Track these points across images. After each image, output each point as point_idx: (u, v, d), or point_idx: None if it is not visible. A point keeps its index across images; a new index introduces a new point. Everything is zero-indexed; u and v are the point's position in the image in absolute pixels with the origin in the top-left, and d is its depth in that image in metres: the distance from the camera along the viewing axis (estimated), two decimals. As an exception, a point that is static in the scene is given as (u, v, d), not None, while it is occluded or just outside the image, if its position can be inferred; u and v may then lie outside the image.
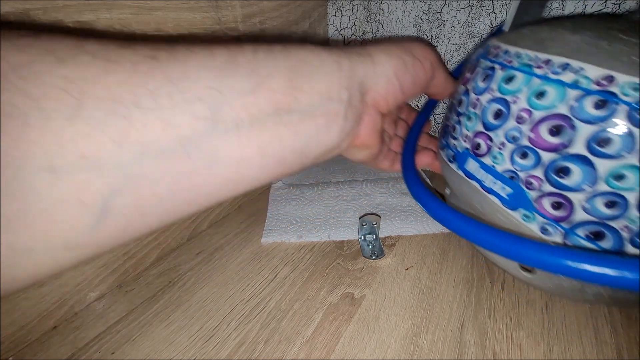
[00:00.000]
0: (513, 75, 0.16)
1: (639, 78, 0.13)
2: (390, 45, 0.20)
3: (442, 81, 0.23)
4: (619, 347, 0.20)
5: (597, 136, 0.13)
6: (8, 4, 0.16)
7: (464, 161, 0.19)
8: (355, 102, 0.18)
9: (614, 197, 0.14)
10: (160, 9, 0.22)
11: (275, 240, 0.28)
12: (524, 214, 0.16)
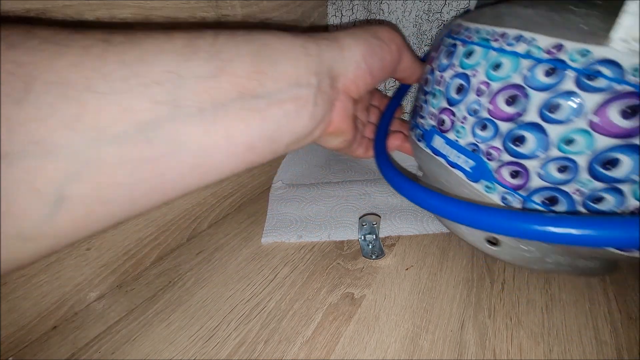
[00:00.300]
0: (472, 49, 0.17)
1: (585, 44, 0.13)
2: (356, 29, 0.20)
3: (410, 64, 0.23)
4: (619, 347, 0.20)
5: (548, 103, 0.14)
6: (8, 4, 0.16)
7: (431, 138, 0.20)
8: (325, 88, 0.18)
9: (566, 162, 0.14)
10: (160, 9, 0.22)
11: (275, 240, 0.28)
12: (486, 185, 0.17)
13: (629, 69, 0.12)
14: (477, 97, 0.16)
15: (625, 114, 0.12)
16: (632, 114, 0.12)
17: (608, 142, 0.13)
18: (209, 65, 0.14)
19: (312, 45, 0.18)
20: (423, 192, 0.16)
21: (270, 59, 0.16)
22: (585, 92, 0.13)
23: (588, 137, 0.13)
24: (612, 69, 0.12)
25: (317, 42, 0.18)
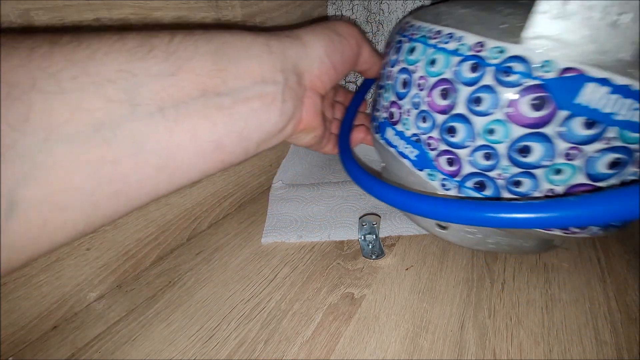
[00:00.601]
0: (414, 46, 0.18)
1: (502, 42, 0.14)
2: (315, 26, 0.21)
3: (369, 57, 0.23)
4: (619, 347, 0.20)
5: (472, 96, 0.15)
6: (8, 4, 0.16)
7: (384, 130, 0.21)
8: (292, 85, 0.18)
9: (489, 150, 0.15)
10: (160, 9, 0.22)
11: (275, 240, 0.28)
12: (428, 173, 0.19)
13: (538, 65, 0.13)
14: (418, 90, 0.17)
15: (534, 106, 0.14)
16: (540, 106, 0.14)
17: (521, 131, 0.14)
18: (166, 64, 0.14)
19: (275, 42, 0.18)
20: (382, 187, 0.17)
21: (232, 57, 0.16)
22: (501, 86, 0.14)
23: (505, 127, 0.15)
24: (523, 65, 0.14)
25: (280, 40, 0.18)
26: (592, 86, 0.12)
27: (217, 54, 0.15)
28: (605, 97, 0.12)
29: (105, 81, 0.12)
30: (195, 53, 0.15)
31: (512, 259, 0.27)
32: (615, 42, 0.12)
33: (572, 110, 0.13)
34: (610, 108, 0.13)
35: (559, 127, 0.14)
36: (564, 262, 0.27)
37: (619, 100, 0.12)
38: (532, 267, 0.26)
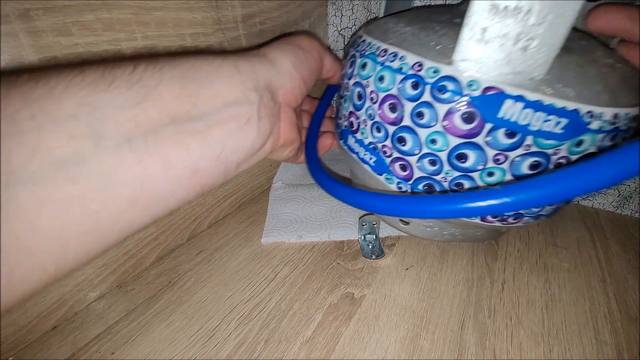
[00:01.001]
0: (365, 62, 0.19)
1: (436, 63, 0.16)
2: (280, 43, 0.21)
3: (331, 65, 0.24)
4: (619, 347, 0.20)
5: (415, 110, 0.17)
6: (8, 4, 0.16)
7: (346, 138, 0.23)
8: (267, 102, 0.19)
9: (433, 157, 0.18)
10: (160, 9, 0.22)
11: (275, 240, 0.28)
12: (386, 177, 0.20)
13: (465, 84, 0.15)
14: (371, 104, 0.19)
15: (465, 120, 0.16)
16: (470, 120, 0.15)
17: (457, 141, 0.16)
18: (130, 93, 0.14)
19: (243, 63, 0.18)
20: (351, 191, 0.18)
21: (201, 81, 0.16)
22: (437, 102, 0.16)
23: (444, 138, 0.17)
24: (454, 84, 0.15)
25: (248, 60, 0.19)
26: (510, 102, 0.14)
27: (185, 79, 0.15)
28: (521, 111, 0.14)
29: (65, 117, 0.12)
30: (161, 80, 0.15)
31: (512, 259, 0.27)
32: (527, 63, 0.14)
33: (495, 123, 0.15)
34: (526, 120, 0.15)
35: (487, 138, 0.16)
36: (564, 262, 0.27)
37: (532, 114, 0.14)
38: (532, 267, 0.26)
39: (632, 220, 0.32)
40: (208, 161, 0.16)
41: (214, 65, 0.17)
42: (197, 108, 0.15)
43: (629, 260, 0.27)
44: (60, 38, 0.18)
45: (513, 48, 0.14)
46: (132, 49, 0.21)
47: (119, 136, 0.13)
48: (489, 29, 0.13)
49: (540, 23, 0.13)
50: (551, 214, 0.20)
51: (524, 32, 0.13)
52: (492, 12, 0.13)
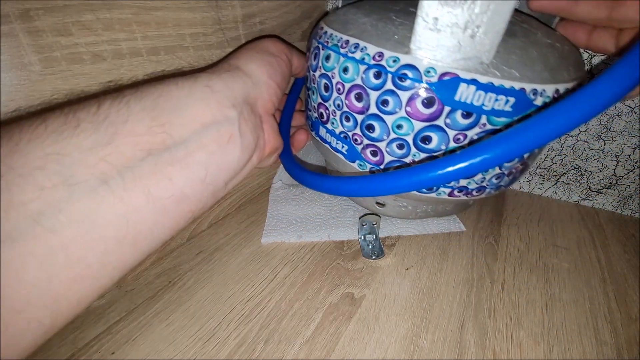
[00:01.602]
0: (329, 54, 0.19)
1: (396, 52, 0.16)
2: (249, 52, 0.21)
3: (298, 62, 0.24)
4: (619, 347, 0.20)
5: (380, 98, 0.18)
6: (8, 4, 0.16)
7: (318, 128, 0.23)
8: (247, 116, 0.18)
9: (401, 141, 0.19)
10: (160, 9, 0.22)
11: (275, 240, 0.28)
12: (359, 164, 0.21)
13: (423, 71, 0.16)
14: (338, 94, 0.20)
15: (426, 105, 0.17)
16: (430, 104, 0.17)
17: (421, 125, 0.17)
18: (98, 134, 0.13)
19: (216, 81, 0.18)
20: (325, 180, 0.19)
21: (172, 108, 0.16)
22: (399, 90, 0.17)
23: (408, 123, 0.18)
24: (413, 72, 0.16)
25: (221, 77, 0.18)
26: (464, 86, 0.16)
27: (155, 109, 0.15)
28: (475, 93, 0.16)
29: (33, 170, 0.12)
30: (130, 114, 0.14)
31: (512, 259, 0.27)
32: (477, 49, 0.15)
33: (453, 106, 0.16)
34: (479, 101, 0.16)
35: (447, 119, 0.17)
36: (564, 262, 0.27)
37: (485, 95, 0.16)
38: (532, 267, 0.26)
39: (632, 220, 0.32)
40: (193, 187, 0.16)
41: (184, 89, 0.17)
42: (172, 136, 0.15)
43: (629, 260, 0.27)
44: (60, 38, 0.18)
45: (463, 35, 0.15)
46: (132, 49, 0.21)
47: (93, 179, 0.13)
48: (440, 18, 0.15)
49: (484, 12, 0.14)
50: (509, 184, 0.22)
51: (471, 20, 0.14)
52: (441, 3, 0.14)
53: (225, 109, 0.17)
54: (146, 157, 0.14)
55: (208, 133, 0.16)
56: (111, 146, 0.13)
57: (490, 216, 0.32)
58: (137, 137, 0.14)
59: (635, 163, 0.31)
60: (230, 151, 0.17)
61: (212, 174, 0.17)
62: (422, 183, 0.15)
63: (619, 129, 0.30)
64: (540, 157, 0.34)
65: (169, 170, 0.15)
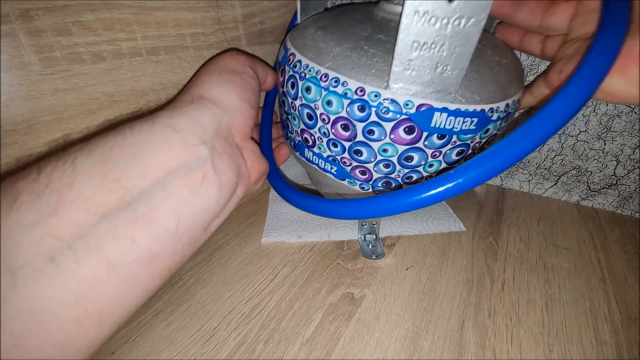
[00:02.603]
0: (309, 86, 0.20)
1: (376, 88, 0.18)
2: (210, 76, 0.19)
3: (264, 73, 0.23)
4: (619, 347, 0.20)
5: (366, 129, 0.19)
6: (8, 4, 0.16)
7: (303, 150, 0.24)
8: (222, 149, 0.17)
9: (387, 162, 0.21)
10: (160, 9, 0.22)
11: (275, 240, 0.28)
12: (349, 181, 0.23)
13: (402, 104, 0.18)
14: (324, 124, 0.21)
15: (407, 132, 0.19)
16: (411, 132, 0.19)
17: (403, 148, 0.20)
18: (40, 204, 0.12)
19: (178, 117, 0.16)
20: (320, 203, 0.20)
21: (128, 159, 0.14)
22: (383, 121, 0.19)
23: (393, 147, 0.20)
24: (394, 105, 0.18)
25: (184, 112, 0.16)
26: (437, 114, 0.18)
27: (107, 163, 0.13)
28: (446, 119, 0.18)
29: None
30: (76, 175, 0.13)
31: (512, 259, 0.27)
32: (446, 83, 0.17)
33: (429, 131, 0.19)
34: (450, 125, 0.19)
35: (425, 142, 0.19)
36: (564, 262, 0.27)
37: (454, 119, 0.18)
38: (532, 267, 0.26)
39: (632, 220, 0.32)
40: (163, 242, 0.14)
41: (142, 134, 0.15)
42: (131, 190, 0.13)
43: (629, 260, 0.27)
44: (60, 38, 0.18)
45: (434, 73, 0.17)
46: (132, 49, 0.21)
47: (39, 259, 0.11)
48: (414, 60, 0.17)
49: (451, 54, 0.16)
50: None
51: (440, 61, 0.17)
52: (414, 48, 0.16)
53: (194, 147, 0.16)
54: (100, 221, 0.13)
55: (175, 179, 0.15)
56: (56, 217, 0.12)
57: (490, 216, 0.32)
58: (87, 200, 0.12)
59: (635, 163, 0.31)
60: (205, 193, 0.16)
61: (186, 223, 0.15)
62: (411, 206, 0.16)
63: (619, 129, 0.30)
64: (540, 157, 0.34)
65: (130, 230, 0.13)
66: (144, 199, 0.14)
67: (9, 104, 0.17)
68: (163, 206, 0.14)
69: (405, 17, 0.15)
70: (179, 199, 0.15)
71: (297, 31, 0.23)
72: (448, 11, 0.15)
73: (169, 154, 0.15)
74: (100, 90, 0.21)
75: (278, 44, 0.32)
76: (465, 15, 0.15)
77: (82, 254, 0.12)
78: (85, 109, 0.20)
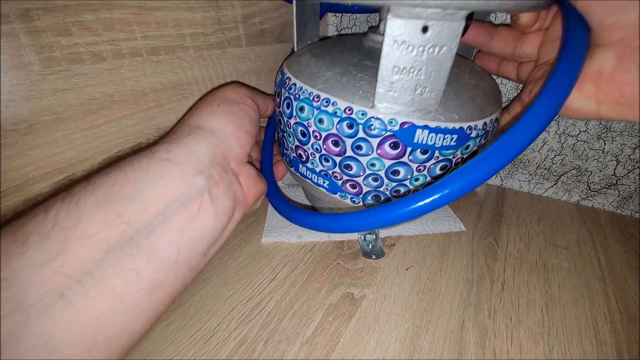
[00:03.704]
0: (302, 106, 0.22)
1: (363, 107, 0.20)
2: (210, 106, 0.20)
3: (264, 103, 0.25)
4: (619, 347, 0.20)
5: (354, 144, 0.21)
6: (8, 4, 0.16)
7: (297, 166, 0.25)
8: (219, 177, 0.18)
9: (375, 175, 0.22)
10: (160, 9, 0.22)
11: (275, 240, 0.28)
12: (340, 195, 0.24)
13: (387, 122, 0.19)
14: (316, 140, 0.22)
15: (392, 147, 0.20)
16: (396, 147, 0.20)
17: (390, 162, 0.21)
18: (48, 245, 0.13)
19: (176, 151, 0.17)
20: (319, 218, 0.21)
21: (128, 195, 0.15)
22: (369, 137, 0.20)
23: (380, 161, 0.21)
24: (379, 122, 0.20)
25: (180, 145, 0.17)
26: (419, 131, 0.20)
27: (109, 201, 0.14)
28: (428, 136, 0.20)
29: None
30: (81, 214, 0.14)
31: (512, 259, 0.27)
32: (426, 103, 0.19)
33: (413, 147, 0.20)
34: (432, 141, 0.20)
35: (409, 157, 0.21)
36: (564, 262, 0.27)
37: (435, 136, 0.20)
38: (532, 267, 0.26)
39: (632, 220, 0.32)
40: (166, 272, 0.15)
41: (142, 169, 0.16)
42: (133, 225, 0.14)
43: (629, 260, 0.27)
44: (60, 38, 0.18)
45: (414, 94, 0.19)
46: (132, 49, 0.21)
47: (49, 295, 0.12)
48: (395, 82, 0.18)
49: (428, 77, 0.18)
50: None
51: (419, 83, 0.18)
52: (395, 72, 0.18)
53: (191, 178, 0.16)
54: (106, 257, 0.13)
55: (174, 210, 0.15)
56: (64, 255, 0.13)
57: (490, 216, 0.32)
58: (92, 238, 0.13)
59: (635, 163, 0.31)
60: (202, 221, 0.16)
61: (186, 251, 0.16)
62: (399, 218, 0.17)
63: (619, 129, 0.30)
64: (540, 157, 0.34)
65: (134, 262, 0.14)
66: (145, 231, 0.14)
67: (9, 104, 0.17)
68: (164, 237, 0.15)
69: (386, 45, 0.17)
70: (178, 228, 0.15)
71: (293, 58, 0.25)
72: (423, 40, 0.17)
73: (167, 187, 0.16)
74: (100, 90, 0.21)
75: (278, 43, 0.32)
76: (438, 43, 0.17)
77: (89, 288, 0.13)
78: (85, 109, 0.20)
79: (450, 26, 0.16)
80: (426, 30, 0.16)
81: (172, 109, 0.25)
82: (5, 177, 0.18)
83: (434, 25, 0.16)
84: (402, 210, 0.16)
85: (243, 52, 0.29)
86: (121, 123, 0.22)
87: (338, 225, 0.19)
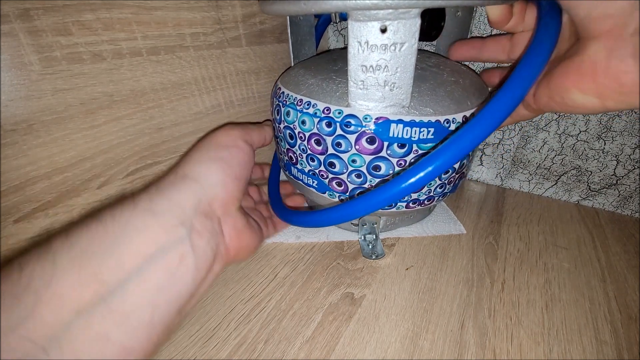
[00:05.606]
0: (288, 110, 0.23)
1: (339, 106, 0.21)
2: (198, 154, 0.20)
3: (259, 137, 0.24)
4: (619, 347, 0.20)
5: (334, 142, 0.22)
6: (8, 4, 0.16)
7: (290, 169, 0.27)
8: (202, 226, 0.17)
9: (358, 172, 0.23)
10: (160, 9, 0.22)
11: (274, 240, 0.28)
12: (329, 194, 0.25)
13: (362, 118, 0.20)
14: (301, 141, 0.23)
15: (369, 142, 0.21)
16: (373, 142, 0.21)
17: (370, 158, 0.22)
18: (19, 307, 0.12)
19: (158, 200, 0.16)
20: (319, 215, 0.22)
21: (105, 249, 0.14)
22: (347, 134, 0.21)
23: (360, 157, 0.22)
24: (354, 120, 0.21)
25: (163, 194, 0.17)
26: (394, 125, 0.20)
27: (84, 257, 0.14)
28: (403, 129, 0.20)
29: None
30: (55, 271, 0.13)
31: (512, 258, 0.27)
32: (397, 98, 0.20)
33: (389, 141, 0.21)
34: (408, 135, 0.20)
35: (388, 151, 0.21)
36: (564, 262, 0.27)
37: (410, 129, 0.20)
38: (532, 267, 0.26)
39: (632, 220, 0.32)
40: (138, 335, 0.14)
41: (122, 221, 0.15)
42: (107, 283, 0.13)
43: (629, 260, 0.27)
44: (60, 38, 0.18)
45: (384, 90, 0.20)
46: (132, 49, 0.21)
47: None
48: (365, 80, 0.19)
49: (394, 74, 0.19)
50: (453, 190, 0.26)
51: (387, 80, 0.19)
52: (363, 71, 0.19)
53: (172, 228, 0.16)
54: (74, 320, 0.13)
55: (153, 264, 0.15)
56: (32, 319, 0.12)
57: (490, 216, 0.32)
58: (62, 298, 0.13)
59: (635, 163, 0.31)
60: (182, 274, 0.16)
61: (161, 310, 0.15)
62: (383, 203, 0.18)
63: (619, 129, 0.30)
64: (540, 157, 0.34)
65: (104, 326, 0.13)
66: (119, 291, 0.14)
67: (9, 103, 0.17)
68: (138, 296, 0.14)
69: (351, 47, 0.18)
70: (155, 285, 0.15)
71: (287, 72, 0.27)
72: (383, 39, 0.18)
73: (146, 240, 0.15)
74: (100, 90, 0.21)
75: (278, 43, 0.32)
76: (398, 41, 0.18)
77: (55, 355, 0.12)
78: (85, 109, 0.20)
79: (407, 24, 0.17)
80: (385, 30, 0.17)
81: (172, 109, 0.25)
82: (5, 177, 0.18)
83: (391, 24, 0.17)
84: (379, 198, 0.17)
85: (243, 51, 0.29)
86: (121, 123, 0.22)
87: (315, 219, 0.21)
